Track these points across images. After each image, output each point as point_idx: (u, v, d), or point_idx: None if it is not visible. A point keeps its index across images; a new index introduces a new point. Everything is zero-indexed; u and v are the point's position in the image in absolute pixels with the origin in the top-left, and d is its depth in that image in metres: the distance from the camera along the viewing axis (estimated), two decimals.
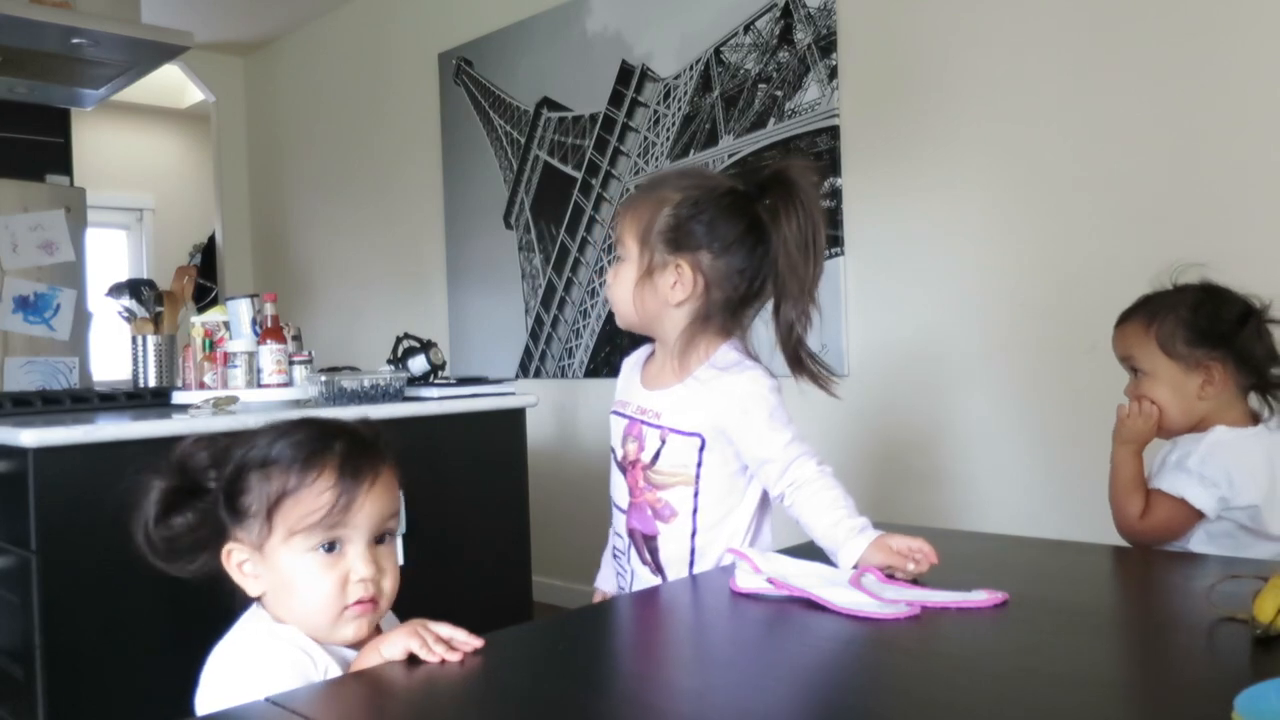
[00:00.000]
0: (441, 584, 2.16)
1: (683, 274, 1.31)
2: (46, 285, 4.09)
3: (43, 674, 1.71)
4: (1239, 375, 1.48)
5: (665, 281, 1.32)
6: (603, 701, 0.86)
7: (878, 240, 2.80)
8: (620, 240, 1.36)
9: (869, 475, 2.82)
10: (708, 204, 1.31)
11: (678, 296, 1.32)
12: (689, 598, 1.21)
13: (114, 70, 3.31)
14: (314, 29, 4.96)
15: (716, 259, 1.31)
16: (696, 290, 1.32)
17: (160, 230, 6.58)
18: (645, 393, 1.39)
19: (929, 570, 1.17)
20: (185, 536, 1.03)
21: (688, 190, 1.32)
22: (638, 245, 1.33)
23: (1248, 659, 0.86)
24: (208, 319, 2.53)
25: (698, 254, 1.31)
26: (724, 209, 1.31)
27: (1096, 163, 2.40)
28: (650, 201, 1.33)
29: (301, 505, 0.99)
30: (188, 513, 1.03)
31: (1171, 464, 1.46)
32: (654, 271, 1.32)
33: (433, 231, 4.27)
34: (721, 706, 0.82)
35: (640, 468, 1.37)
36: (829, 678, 0.91)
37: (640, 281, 1.32)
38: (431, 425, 2.29)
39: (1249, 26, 2.18)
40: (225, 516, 1.03)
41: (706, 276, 1.32)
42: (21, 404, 2.43)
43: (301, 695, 0.87)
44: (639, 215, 1.33)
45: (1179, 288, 1.53)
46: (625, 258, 1.35)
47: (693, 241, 1.31)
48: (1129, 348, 1.55)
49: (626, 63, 3.44)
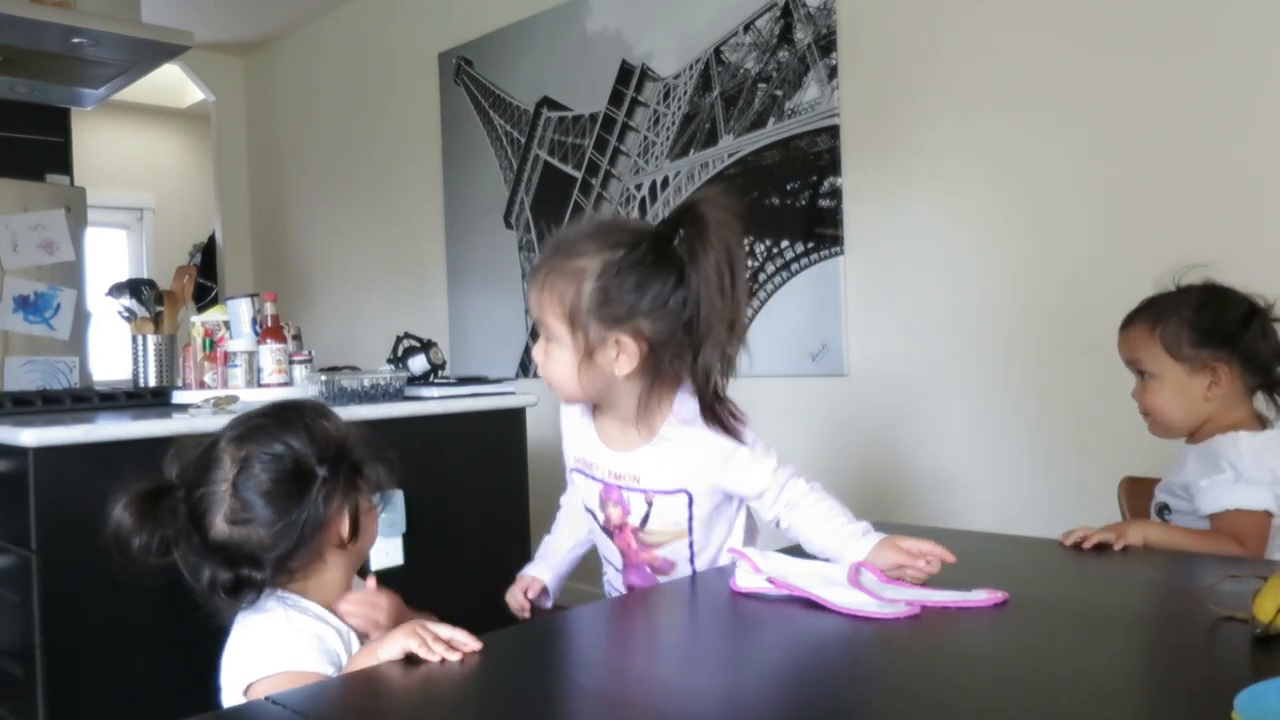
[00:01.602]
0: (441, 583, 2.16)
1: (625, 347, 1.21)
2: (47, 285, 4.09)
3: (43, 673, 1.71)
4: (1245, 375, 1.48)
5: (608, 358, 1.22)
6: (600, 701, 0.85)
7: (878, 240, 2.80)
8: (542, 321, 1.25)
9: (868, 474, 2.82)
10: (630, 265, 1.20)
11: (625, 369, 1.22)
12: (689, 597, 1.21)
13: (114, 70, 3.31)
14: (314, 29, 4.96)
15: (655, 321, 1.20)
16: (644, 356, 1.22)
17: (160, 230, 6.58)
18: (613, 454, 1.32)
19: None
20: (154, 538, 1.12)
21: (605, 254, 1.20)
22: (567, 327, 1.22)
23: (1248, 658, 0.86)
24: (208, 318, 2.53)
25: (635, 322, 1.20)
26: (648, 265, 1.20)
27: (1096, 162, 2.40)
28: (567, 276, 1.21)
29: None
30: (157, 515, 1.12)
31: (1229, 480, 1.42)
32: (593, 351, 1.21)
33: (433, 231, 4.27)
34: (719, 706, 0.82)
35: (630, 530, 1.33)
36: (828, 677, 0.91)
37: (580, 363, 1.22)
38: (431, 425, 2.29)
39: (1247, 28, 2.17)
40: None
41: (650, 341, 1.21)
42: (22, 403, 2.43)
43: (301, 695, 0.87)
44: (559, 294, 1.22)
45: (1182, 289, 1.52)
46: (555, 339, 1.24)
47: (626, 311, 1.20)
48: (1134, 351, 1.54)
49: (626, 62, 3.44)
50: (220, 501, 1.12)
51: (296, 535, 1.12)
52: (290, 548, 1.12)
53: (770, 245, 3.02)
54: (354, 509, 1.17)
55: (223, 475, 1.12)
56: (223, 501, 1.12)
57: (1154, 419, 1.54)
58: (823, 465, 2.87)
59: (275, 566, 1.12)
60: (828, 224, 2.89)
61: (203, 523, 1.12)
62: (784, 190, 2.99)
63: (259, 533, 1.11)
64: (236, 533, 1.11)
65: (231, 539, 1.12)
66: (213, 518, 1.12)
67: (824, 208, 2.90)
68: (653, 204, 3.37)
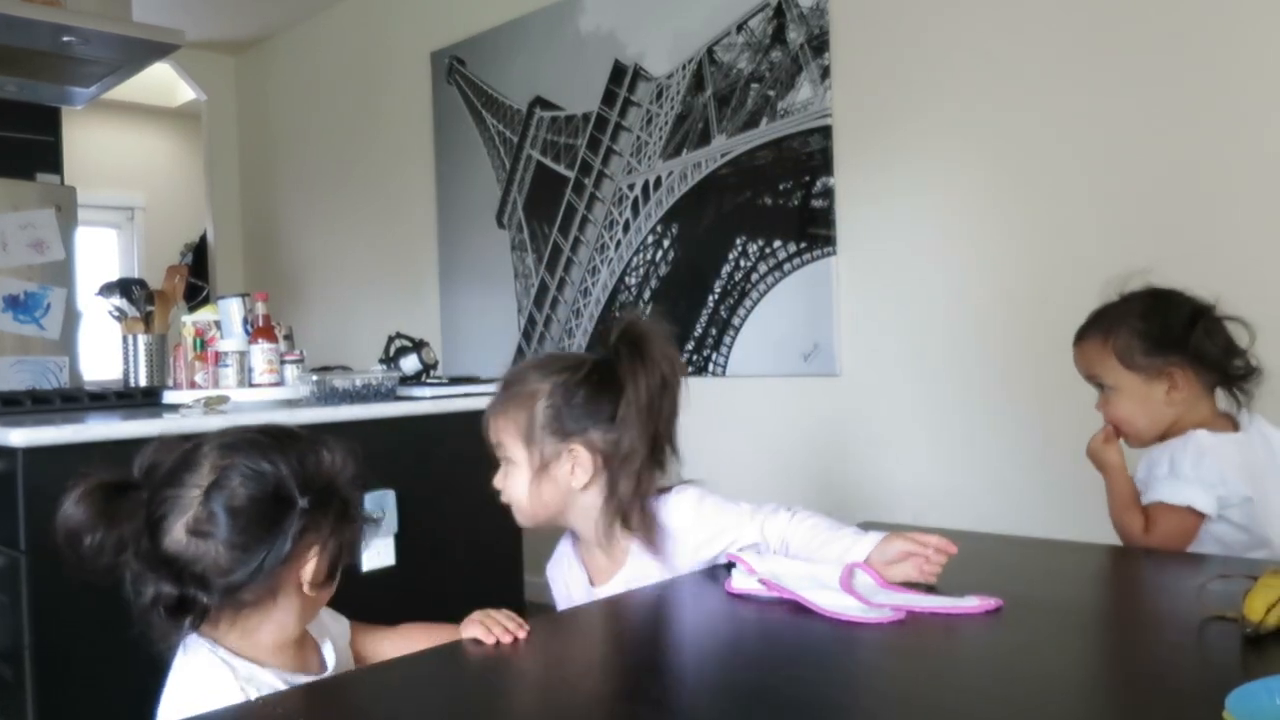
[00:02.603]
0: (433, 583, 2.16)
1: (579, 457, 1.29)
2: (37, 284, 4.07)
3: (32, 674, 1.70)
4: (1201, 375, 1.49)
5: (563, 471, 1.30)
6: (592, 701, 0.85)
7: (870, 240, 2.80)
8: (500, 445, 1.33)
9: (860, 474, 2.82)
10: (577, 385, 1.30)
11: (580, 480, 1.30)
12: (682, 599, 1.21)
13: (104, 69, 3.29)
14: (306, 28, 4.95)
15: (607, 433, 1.29)
16: (597, 467, 1.30)
17: (151, 229, 6.55)
18: (603, 590, 1.34)
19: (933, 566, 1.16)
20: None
21: (553, 378, 1.31)
22: (523, 446, 1.30)
23: (1238, 658, 0.86)
24: (199, 318, 2.52)
25: (587, 434, 1.30)
26: (594, 385, 1.30)
27: (1088, 162, 2.40)
28: (519, 400, 1.32)
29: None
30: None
31: (1163, 475, 1.45)
32: (549, 465, 1.30)
33: (425, 231, 4.27)
34: (708, 705, 0.82)
35: None
36: (819, 677, 0.91)
37: (536, 478, 1.30)
38: (423, 425, 2.28)
39: (1241, 30, 2.18)
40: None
41: (603, 452, 1.30)
42: (11, 403, 2.42)
43: (291, 697, 0.87)
44: (514, 418, 1.31)
45: (1126, 297, 1.54)
46: (513, 460, 1.32)
47: (578, 424, 1.30)
48: (1091, 366, 1.56)
49: (619, 62, 3.44)
50: (185, 508, 1.03)
51: (256, 565, 1.02)
52: (245, 578, 1.03)
53: (762, 245, 3.02)
54: (334, 553, 1.09)
55: (197, 480, 1.04)
56: (188, 508, 1.03)
57: (1123, 431, 1.55)
58: (814, 465, 2.87)
59: (224, 593, 1.02)
60: (820, 224, 2.89)
61: (159, 527, 1.03)
62: (776, 190, 3.00)
63: (216, 550, 1.02)
64: (193, 546, 1.02)
65: (185, 552, 1.02)
66: (171, 523, 1.03)
67: (816, 208, 2.90)
68: (645, 204, 3.36)
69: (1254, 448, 1.48)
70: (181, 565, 1.02)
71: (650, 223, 3.35)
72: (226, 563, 1.02)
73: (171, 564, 1.02)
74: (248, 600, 1.05)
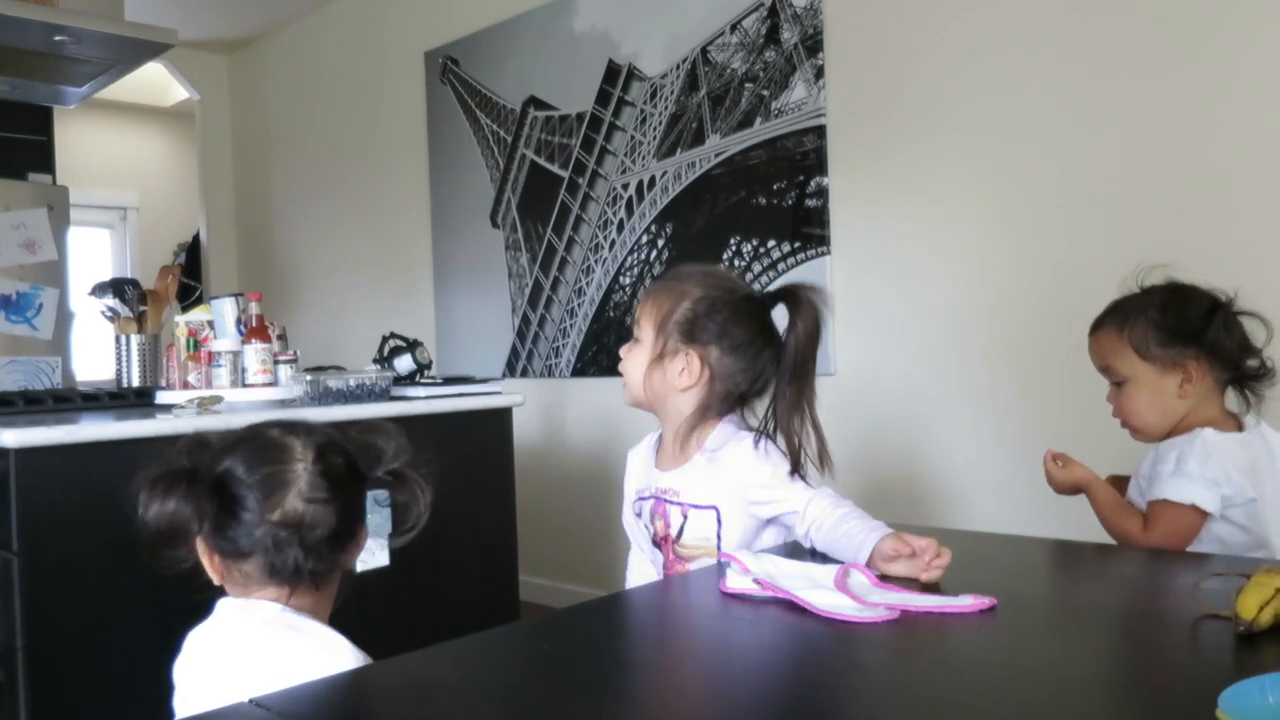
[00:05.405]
0: (428, 583, 2.15)
1: (691, 362, 1.41)
2: (29, 284, 4.06)
3: (25, 675, 1.69)
4: (1215, 370, 1.49)
5: (674, 367, 1.41)
6: (588, 702, 0.85)
7: (864, 239, 2.81)
8: (639, 323, 1.46)
9: (855, 475, 2.82)
10: (724, 305, 1.41)
11: (684, 382, 1.42)
12: (676, 599, 1.21)
13: (97, 68, 3.28)
14: (299, 27, 4.94)
15: (724, 356, 1.41)
16: (701, 380, 1.41)
17: (144, 229, 6.54)
18: (660, 474, 1.48)
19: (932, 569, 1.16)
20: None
21: (708, 289, 1.42)
22: (654, 331, 1.42)
23: (1231, 656, 0.86)
24: (192, 318, 2.51)
25: (707, 348, 1.41)
26: (739, 312, 1.41)
27: (1081, 164, 2.41)
28: (672, 293, 1.43)
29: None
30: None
31: (1168, 472, 1.45)
32: (665, 356, 1.41)
33: (419, 230, 4.26)
34: (700, 705, 0.82)
35: (670, 543, 1.46)
36: (813, 676, 0.91)
37: (652, 364, 1.42)
38: (418, 425, 2.27)
39: (1232, 37, 2.19)
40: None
41: (712, 369, 1.41)
42: (3, 404, 2.41)
43: (286, 697, 0.87)
44: (660, 304, 1.43)
45: (1145, 290, 1.53)
46: (641, 340, 1.45)
47: (705, 336, 1.41)
48: (1105, 356, 1.55)
49: (613, 62, 3.43)
50: (294, 480, 1.13)
51: (352, 530, 1.16)
52: (348, 537, 1.16)
53: (757, 245, 3.03)
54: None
55: (295, 456, 1.14)
56: (297, 480, 1.13)
57: (1132, 424, 1.54)
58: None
59: (328, 550, 1.15)
60: (814, 224, 2.89)
61: (270, 499, 1.12)
62: (770, 190, 3.00)
63: (327, 515, 1.13)
64: (310, 512, 1.13)
65: (305, 517, 1.12)
66: (284, 495, 1.12)
67: (810, 208, 2.90)
68: (640, 203, 3.36)
69: (1256, 449, 1.48)
70: (302, 528, 1.12)
71: (644, 222, 3.35)
72: (337, 524, 1.15)
73: (293, 527, 1.12)
74: (336, 563, 1.18)
